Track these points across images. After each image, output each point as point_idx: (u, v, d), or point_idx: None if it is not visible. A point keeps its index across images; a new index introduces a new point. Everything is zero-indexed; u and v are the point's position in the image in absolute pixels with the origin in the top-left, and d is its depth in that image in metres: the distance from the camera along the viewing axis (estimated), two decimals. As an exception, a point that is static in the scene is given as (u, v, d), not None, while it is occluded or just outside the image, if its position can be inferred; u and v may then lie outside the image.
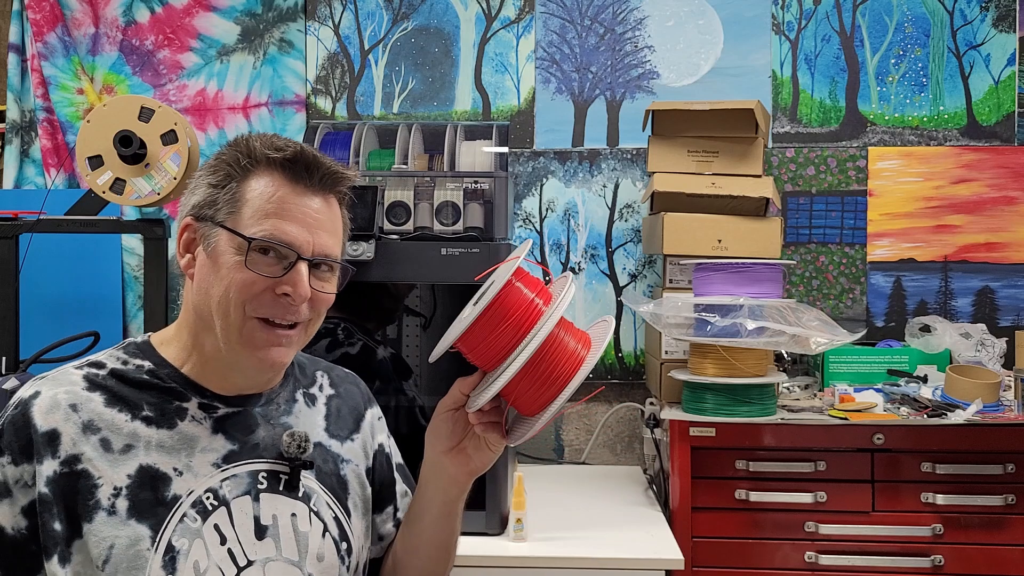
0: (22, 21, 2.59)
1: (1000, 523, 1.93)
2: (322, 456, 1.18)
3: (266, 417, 1.15)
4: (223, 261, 1.06)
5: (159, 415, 1.08)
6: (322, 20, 2.61)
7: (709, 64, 2.56)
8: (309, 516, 1.13)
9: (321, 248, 1.08)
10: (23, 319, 2.09)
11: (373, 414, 1.29)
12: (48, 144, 2.56)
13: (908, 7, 2.53)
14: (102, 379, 1.09)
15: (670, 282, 2.24)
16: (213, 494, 1.07)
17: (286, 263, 1.06)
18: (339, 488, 1.18)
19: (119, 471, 1.04)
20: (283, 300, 1.06)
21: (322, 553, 1.12)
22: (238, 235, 1.05)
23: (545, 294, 1.11)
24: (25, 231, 2.04)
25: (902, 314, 2.50)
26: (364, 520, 1.21)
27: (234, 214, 1.06)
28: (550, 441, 2.56)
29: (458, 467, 1.14)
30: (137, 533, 1.02)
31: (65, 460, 1.02)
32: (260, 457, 1.12)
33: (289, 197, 1.07)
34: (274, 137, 1.10)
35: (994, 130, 2.51)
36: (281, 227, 1.05)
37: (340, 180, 1.12)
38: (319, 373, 1.26)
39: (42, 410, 1.04)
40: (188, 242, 1.11)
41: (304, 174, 1.08)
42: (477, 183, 1.85)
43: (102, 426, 1.05)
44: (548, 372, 1.06)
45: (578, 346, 1.09)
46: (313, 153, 1.09)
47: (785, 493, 1.95)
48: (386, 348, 1.93)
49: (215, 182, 1.08)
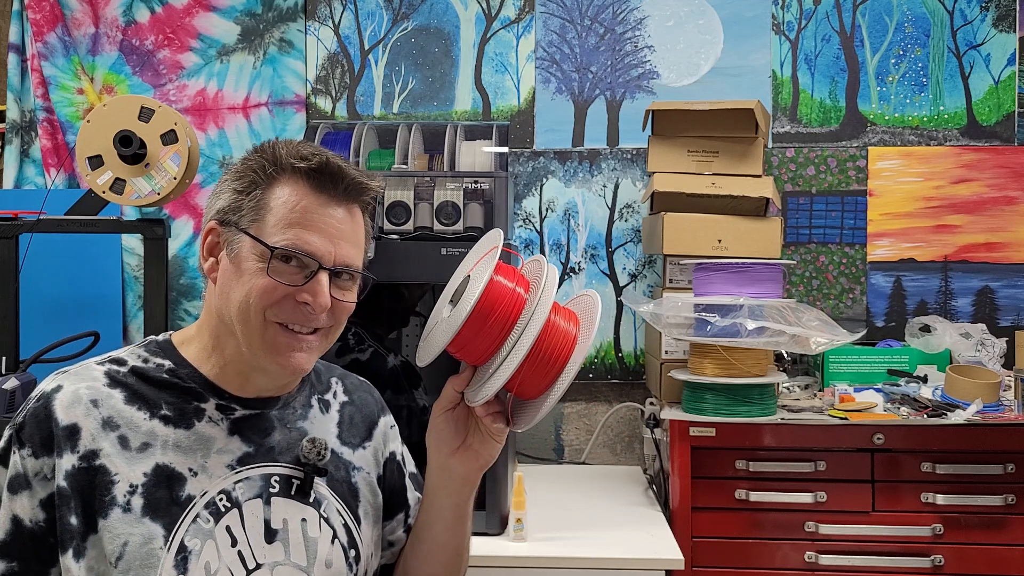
0: (22, 21, 2.59)
1: (1000, 523, 1.93)
2: (334, 463, 1.18)
3: (282, 421, 1.16)
4: (245, 267, 1.07)
5: (177, 415, 1.09)
6: (322, 20, 2.61)
7: (709, 64, 2.56)
8: (319, 522, 1.13)
9: (343, 258, 1.09)
10: (23, 319, 2.09)
11: (386, 423, 1.30)
12: (48, 144, 2.56)
13: (908, 7, 2.53)
14: (123, 376, 1.10)
15: (670, 282, 2.24)
16: (226, 496, 1.08)
17: (307, 272, 1.07)
18: (350, 496, 1.19)
19: (136, 469, 1.05)
20: (303, 308, 1.07)
21: (330, 560, 1.13)
22: (261, 243, 1.06)
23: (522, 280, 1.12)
24: (25, 231, 2.04)
25: (902, 314, 2.50)
26: (375, 529, 1.22)
27: (258, 221, 1.07)
28: (550, 441, 2.56)
29: (468, 464, 1.15)
30: (151, 531, 1.03)
31: (84, 455, 1.04)
32: (275, 461, 1.13)
33: (313, 207, 1.08)
34: (300, 145, 1.11)
35: (994, 130, 2.51)
36: (304, 237, 1.06)
37: (364, 191, 1.12)
38: (334, 380, 1.27)
39: (63, 404, 1.05)
40: (212, 246, 1.11)
41: (329, 184, 1.09)
42: (477, 183, 1.85)
43: (121, 423, 1.06)
44: (548, 356, 1.08)
45: (569, 325, 1.11)
46: (338, 163, 1.09)
47: (785, 493, 1.95)
48: (396, 356, 1.93)
49: (240, 188, 1.09)
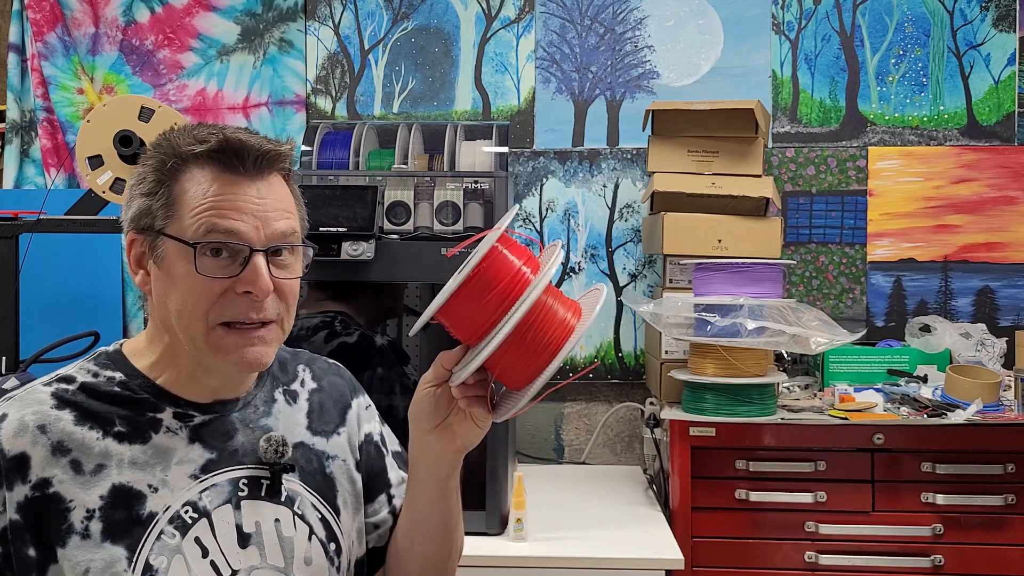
0: (22, 21, 2.60)
1: (1000, 523, 1.93)
2: (305, 456, 1.14)
3: (244, 422, 1.11)
4: (175, 271, 1.01)
5: (132, 429, 1.04)
6: (322, 20, 2.61)
7: (709, 64, 2.56)
8: (293, 520, 1.09)
9: (273, 234, 1.02)
10: (23, 319, 2.09)
11: (360, 404, 1.25)
12: (48, 144, 2.56)
13: (908, 7, 2.53)
14: (71, 395, 1.04)
15: (670, 282, 2.24)
16: (192, 507, 1.03)
17: (241, 258, 1.00)
18: (325, 487, 1.15)
19: (91, 493, 1.00)
20: (246, 298, 1.01)
21: (309, 557, 1.09)
22: (181, 241, 1.00)
23: (533, 263, 1.03)
24: (25, 231, 2.04)
25: (902, 314, 2.50)
26: (357, 516, 1.18)
27: (172, 219, 1.01)
28: (550, 441, 2.56)
29: (444, 445, 1.08)
30: (112, 555, 0.98)
31: (35, 484, 0.98)
32: (240, 464, 1.08)
33: (225, 189, 1.01)
34: (196, 128, 1.04)
35: (994, 130, 2.51)
36: (223, 223, 0.99)
37: (276, 159, 1.04)
38: (300, 367, 1.22)
39: (9, 434, 0.99)
40: (138, 257, 1.05)
41: (235, 161, 1.01)
42: (477, 183, 1.85)
43: (72, 447, 1.01)
44: (536, 342, 0.98)
45: (568, 314, 1.01)
46: (239, 137, 1.02)
47: (785, 493, 1.95)
48: (383, 335, 1.93)
49: (147, 191, 1.03)
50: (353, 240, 1.74)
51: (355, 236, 1.75)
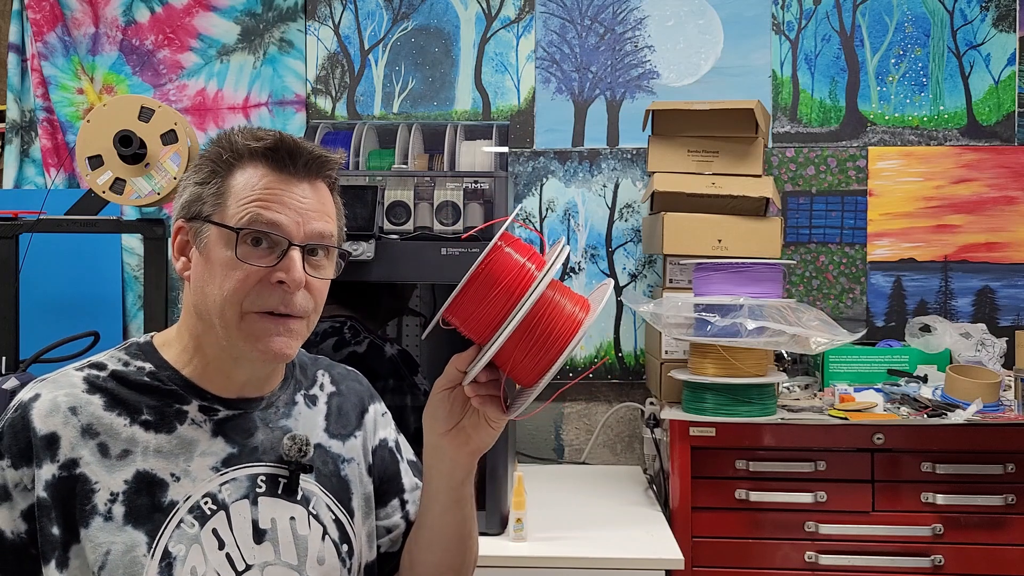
0: (22, 21, 2.60)
1: (1000, 523, 1.93)
2: (322, 458, 1.17)
3: (265, 421, 1.14)
4: (216, 258, 1.05)
5: (158, 419, 1.07)
6: (322, 20, 2.61)
7: (709, 64, 2.56)
8: (308, 519, 1.12)
9: (312, 233, 1.07)
10: (23, 319, 2.09)
11: (376, 410, 1.28)
12: (48, 144, 2.56)
13: (908, 7, 2.53)
14: (102, 381, 1.08)
15: (670, 282, 2.24)
16: (212, 499, 1.06)
17: (279, 251, 1.04)
18: (340, 489, 1.17)
19: (116, 477, 1.03)
20: (279, 289, 1.04)
21: (322, 556, 1.12)
22: (225, 227, 1.04)
23: (538, 260, 1.06)
24: (25, 231, 2.04)
25: (902, 314, 2.50)
26: (367, 520, 1.20)
27: (220, 207, 1.05)
28: (550, 441, 2.56)
29: (458, 448, 1.11)
30: (133, 539, 1.01)
31: (64, 464, 1.02)
32: (259, 461, 1.11)
33: (274, 184, 1.06)
34: (256, 129, 1.09)
35: (994, 130, 2.51)
36: (267, 215, 1.04)
37: (325, 164, 1.10)
38: (320, 372, 1.25)
39: (41, 413, 1.04)
40: (182, 245, 1.10)
41: (287, 161, 1.07)
42: (477, 183, 1.85)
43: (100, 430, 1.05)
44: (543, 336, 1.00)
45: (575, 309, 1.03)
46: (294, 139, 1.07)
47: (785, 493, 1.95)
48: (393, 345, 1.93)
49: (200, 180, 1.08)
50: (353, 240, 1.75)
51: (355, 236, 1.75)
